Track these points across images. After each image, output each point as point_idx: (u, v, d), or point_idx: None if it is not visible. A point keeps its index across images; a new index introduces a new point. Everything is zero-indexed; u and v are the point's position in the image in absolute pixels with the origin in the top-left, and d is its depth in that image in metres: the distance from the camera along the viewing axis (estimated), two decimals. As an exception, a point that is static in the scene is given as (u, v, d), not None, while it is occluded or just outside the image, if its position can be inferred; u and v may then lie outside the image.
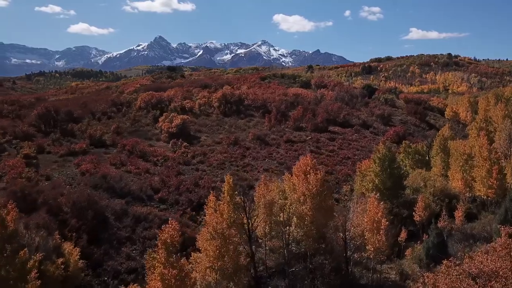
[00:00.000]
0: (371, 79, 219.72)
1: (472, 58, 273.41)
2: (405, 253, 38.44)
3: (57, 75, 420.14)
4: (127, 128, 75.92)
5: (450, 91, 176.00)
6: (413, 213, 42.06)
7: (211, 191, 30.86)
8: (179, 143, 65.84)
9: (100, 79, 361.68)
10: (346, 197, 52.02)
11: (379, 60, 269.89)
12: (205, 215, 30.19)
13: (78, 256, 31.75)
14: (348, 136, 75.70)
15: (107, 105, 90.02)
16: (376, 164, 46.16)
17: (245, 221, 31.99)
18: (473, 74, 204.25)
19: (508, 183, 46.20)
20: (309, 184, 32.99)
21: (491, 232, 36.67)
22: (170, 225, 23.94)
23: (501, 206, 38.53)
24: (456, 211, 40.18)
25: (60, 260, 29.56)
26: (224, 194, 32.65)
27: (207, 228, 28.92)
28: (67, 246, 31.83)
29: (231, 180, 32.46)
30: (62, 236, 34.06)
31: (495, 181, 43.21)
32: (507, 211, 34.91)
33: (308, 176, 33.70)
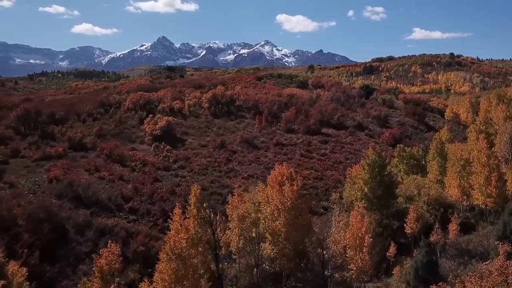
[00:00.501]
0: (372, 79, 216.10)
1: (475, 58, 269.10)
2: (393, 271, 34.74)
3: (60, 75, 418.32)
4: (111, 130, 72.50)
5: (452, 91, 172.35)
6: (404, 224, 38.41)
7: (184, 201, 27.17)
8: (162, 146, 62.26)
9: (102, 79, 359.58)
10: (335, 205, 48.53)
11: (380, 60, 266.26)
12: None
13: (24, 277, 28.18)
14: (341, 139, 72.00)
15: (94, 106, 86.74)
16: (365, 171, 42.48)
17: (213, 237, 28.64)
18: (476, 74, 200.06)
19: (509, 190, 42.60)
20: (284, 196, 29.46)
21: (488, 247, 33.02)
22: (108, 249, 20.49)
23: (500, 217, 35.00)
24: (450, 224, 36.44)
25: (1, 283, 26.09)
26: (190, 206, 29.27)
27: (164, 248, 25.42)
28: (12, 266, 28.29)
29: (198, 192, 29.02)
30: (12, 253, 30.56)
31: (494, 189, 39.68)
32: (506, 226, 31.24)
33: (283, 187, 30.28)
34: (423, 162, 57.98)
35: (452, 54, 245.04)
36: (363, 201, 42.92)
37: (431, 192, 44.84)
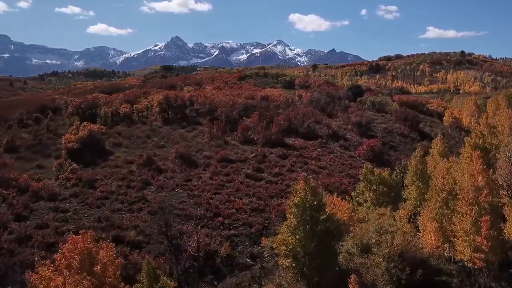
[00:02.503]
0: (377, 78, 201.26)
1: (487, 56, 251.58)
2: None
3: (70, 75, 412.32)
4: (27, 141, 59.24)
5: (461, 91, 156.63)
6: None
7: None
8: (67, 164, 48.44)
9: (113, 79, 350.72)
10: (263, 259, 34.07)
11: (388, 58, 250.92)
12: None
13: None
14: (307, 152, 57.34)
15: (31, 110, 73.81)
16: (293, 216, 28.13)
17: None
18: (487, 72, 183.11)
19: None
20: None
21: None
22: None
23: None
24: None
25: None
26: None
27: None
28: None
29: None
30: None
31: (484, 241, 25.61)
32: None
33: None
34: (402, 187, 43.54)
35: (463, 52, 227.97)
36: (289, 259, 28.84)
37: (396, 240, 30.23)
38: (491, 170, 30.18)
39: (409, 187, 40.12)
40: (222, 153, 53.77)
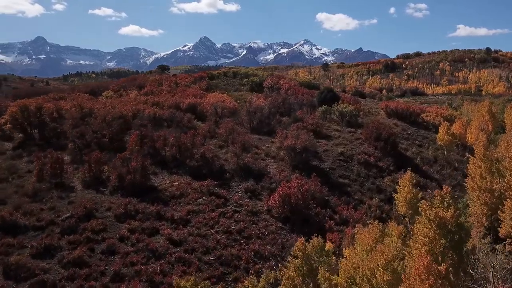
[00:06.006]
0: (391, 77, 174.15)
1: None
2: None
3: (93, 75, 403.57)
4: None
5: (483, 92, 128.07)
6: None
7: None
8: None
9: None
10: None
11: (406, 56, 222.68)
12: None
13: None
14: (175, 206, 32.37)
15: None
16: None
17: None
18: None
19: None
20: None
21: None
22: None
23: None
24: None
25: None
26: None
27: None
28: None
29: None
30: None
31: None
32: None
33: None
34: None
35: (488, 49, 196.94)
36: None
37: None
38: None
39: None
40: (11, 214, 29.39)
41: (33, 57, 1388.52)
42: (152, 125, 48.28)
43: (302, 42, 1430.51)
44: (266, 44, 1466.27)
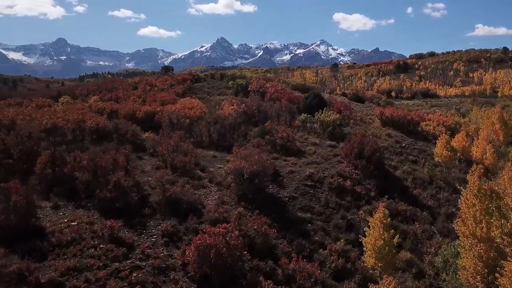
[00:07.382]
0: (402, 78, 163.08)
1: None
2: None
3: (109, 76, 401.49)
4: None
5: (499, 94, 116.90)
6: None
7: None
8: None
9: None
10: None
11: (420, 56, 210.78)
12: None
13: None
14: (58, 265, 23.50)
15: None
16: None
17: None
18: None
19: None
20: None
21: None
22: None
23: None
24: None
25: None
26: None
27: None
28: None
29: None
30: None
31: None
32: None
33: None
34: None
35: (505, 48, 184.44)
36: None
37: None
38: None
39: None
40: None
41: (54, 58, 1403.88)
42: (91, 139, 39.92)
43: (318, 42, 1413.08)
44: (283, 45, 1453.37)
